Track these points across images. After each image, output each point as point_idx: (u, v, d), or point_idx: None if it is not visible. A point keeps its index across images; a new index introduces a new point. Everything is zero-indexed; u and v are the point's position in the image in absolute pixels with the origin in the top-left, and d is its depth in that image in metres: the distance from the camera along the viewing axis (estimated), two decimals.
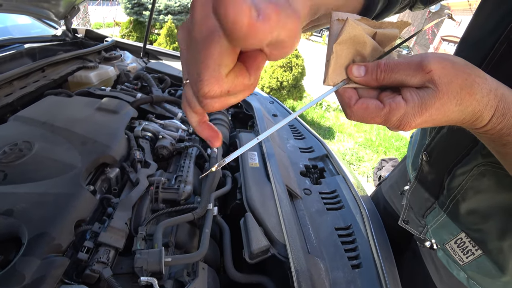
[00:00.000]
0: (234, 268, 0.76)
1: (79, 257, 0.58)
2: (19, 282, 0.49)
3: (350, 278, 0.79)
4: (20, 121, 0.90)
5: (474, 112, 0.34)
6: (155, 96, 1.18)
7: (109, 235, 0.62)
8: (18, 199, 0.62)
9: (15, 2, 1.38)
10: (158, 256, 0.60)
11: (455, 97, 0.32)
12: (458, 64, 0.33)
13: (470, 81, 0.33)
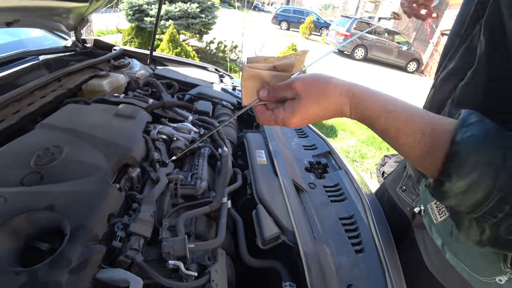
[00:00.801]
0: (248, 254, 0.84)
1: (113, 245, 0.66)
2: (67, 265, 0.57)
3: (353, 261, 0.87)
4: (47, 128, 0.98)
5: (335, 109, 0.49)
6: (167, 101, 1.26)
7: (138, 226, 0.69)
8: (57, 197, 0.70)
9: (30, 17, 1.47)
10: (182, 243, 0.68)
11: (315, 102, 0.49)
12: (318, 79, 0.50)
13: (325, 89, 0.49)
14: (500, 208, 0.37)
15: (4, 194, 0.69)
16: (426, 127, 0.43)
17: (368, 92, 0.49)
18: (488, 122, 0.40)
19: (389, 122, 0.46)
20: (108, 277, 0.61)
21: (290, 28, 17.65)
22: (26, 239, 0.65)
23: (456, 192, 0.40)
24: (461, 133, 0.40)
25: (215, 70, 2.21)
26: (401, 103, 0.47)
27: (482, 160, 0.38)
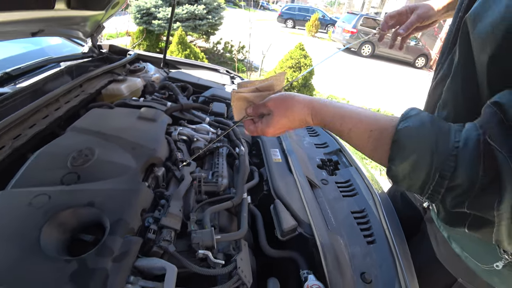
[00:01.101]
0: (268, 246, 0.90)
1: (148, 237, 0.72)
2: (111, 254, 0.64)
3: (366, 251, 0.92)
4: (77, 131, 1.06)
5: (300, 119, 0.62)
6: (185, 103, 1.33)
7: (169, 220, 0.76)
8: (95, 194, 0.77)
9: (53, 27, 1.55)
10: (210, 234, 0.74)
11: (284, 115, 0.62)
12: (285, 97, 0.63)
13: (291, 105, 0.62)
14: (441, 184, 0.44)
15: (48, 192, 0.76)
16: (372, 125, 0.53)
17: (325, 103, 0.60)
18: (424, 115, 0.49)
19: (343, 125, 0.56)
20: (146, 265, 0.67)
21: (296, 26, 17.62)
22: (71, 232, 0.72)
23: (403, 174, 0.48)
24: (400, 124, 0.49)
25: (226, 72, 2.28)
26: (351, 109, 0.57)
27: (418, 145, 0.45)
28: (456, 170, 0.42)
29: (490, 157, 0.40)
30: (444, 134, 0.45)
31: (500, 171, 0.38)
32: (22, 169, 0.87)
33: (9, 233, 0.66)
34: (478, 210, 0.43)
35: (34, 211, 0.71)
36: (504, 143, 0.39)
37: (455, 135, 0.44)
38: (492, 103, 0.42)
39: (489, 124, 0.41)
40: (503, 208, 0.39)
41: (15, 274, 0.59)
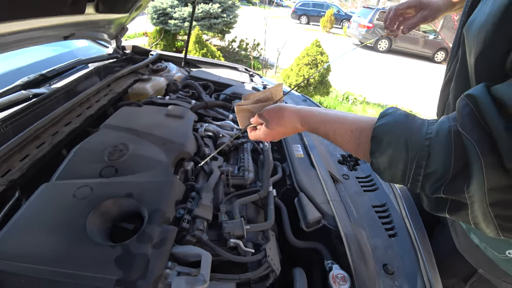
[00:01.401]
0: (294, 237, 0.93)
1: (183, 226, 0.77)
2: (150, 241, 0.69)
3: (387, 244, 0.94)
4: (110, 128, 1.12)
5: (292, 126, 0.69)
6: (209, 101, 1.38)
7: (201, 210, 0.81)
8: (132, 186, 0.82)
9: (83, 30, 1.63)
10: (240, 224, 0.78)
11: (276, 124, 0.70)
12: (278, 108, 0.71)
13: (282, 115, 0.69)
14: (418, 172, 0.48)
15: (89, 184, 0.82)
16: (352, 126, 0.59)
17: (311, 111, 0.67)
18: (399, 113, 0.54)
19: (327, 128, 0.63)
20: (182, 252, 0.72)
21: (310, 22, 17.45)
22: (112, 221, 0.78)
23: (384, 166, 0.52)
24: (378, 122, 0.54)
25: (245, 70, 2.31)
26: (335, 114, 0.64)
27: (393, 139, 0.50)
28: (429, 158, 0.46)
29: (460, 145, 0.43)
30: (417, 127, 0.49)
31: (469, 158, 0.42)
32: (64, 163, 0.94)
33: (58, 222, 0.72)
34: (453, 194, 0.46)
35: (79, 201, 0.77)
36: (473, 132, 0.42)
37: (428, 128, 0.49)
38: (465, 95, 0.46)
39: (461, 114, 0.45)
40: (472, 190, 0.42)
41: (67, 258, 0.65)
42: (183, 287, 0.64)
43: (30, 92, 1.31)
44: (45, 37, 1.41)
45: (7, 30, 1.11)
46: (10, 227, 0.72)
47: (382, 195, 1.19)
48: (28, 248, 0.67)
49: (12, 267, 0.63)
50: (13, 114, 1.12)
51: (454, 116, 0.47)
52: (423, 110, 5.69)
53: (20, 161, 1.02)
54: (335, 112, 0.65)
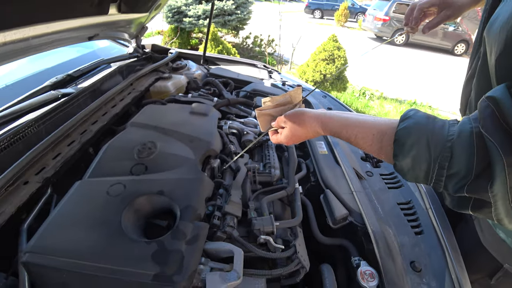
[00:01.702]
0: (320, 233, 0.93)
1: (214, 223, 0.78)
2: (184, 237, 0.70)
3: (414, 242, 0.94)
4: (136, 127, 1.14)
5: (313, 131, 0.71)
6: (231, 99, 1.39)
7: (231, 207, 0.82)
8: (163, 183, 0.84)
9: (106, 30, 1.66)
10: (270, 221, 0.79)
11: (298, 128, 0.72)
12: (298, 114, 0.72)
13: (302, 119, 0.71)
14: (441, 173, 0.49)
15: (122, 182, 0.84)
16: (373, 129, 0.60)
17: (331, 116, 0.69)
18: (420, 115, 0.54)
19: (349, 132, 0.64)
20: (214, 248, 0.73)
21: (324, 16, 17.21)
22: (145, 217, 0.80)
23: (407, 168, 0.53)
24: (400, 125, 0.55)
25: (264, 66, 2.31)
26: (354, 117, 0.66)
27: (416, 141, 0.51)
28: (452, 159, 0.47)
29: (482, 146, 0.44)
30: (438, 129, 0.50)
31: (491, 159, 0.43)
32: (95, 161, 0.96)
33: (94, 218, 0.75)
34: (476, 193, 0.47)
35: (113, 198, 0.79)
36: (495, 134, 0.43)
37: (449, 129, 0.50)
38: (486, 97, 0.46)
39: (482, 116, 0.46)
40: (495, 189, 0.44)
41: (105, 253, 0.67)
42: (218, 283, 0.65)
43: (59, 92, 1.35)
44: (71, 39, 1.45)
45: (36, 33, 1.15)
46: (49, 223, 0.74)
47: (407, 192, 1.17)
48: (67, 243, 0.69)
49: (53, 262, 0.66)
50: (44, 114, 1.16)
51: (475, 117, 0.48)
52: (442, 105, 5.54)
53: (52, 159, 1.06)
54: (356, 116, 0.66)
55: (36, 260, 0.66)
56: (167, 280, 0.62)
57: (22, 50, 1.18)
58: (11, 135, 1.01)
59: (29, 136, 1.08)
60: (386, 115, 4.74)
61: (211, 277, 0.66)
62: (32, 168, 0.99)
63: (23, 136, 1.05)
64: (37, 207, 0.90)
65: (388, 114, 4.79)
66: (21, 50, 1.17)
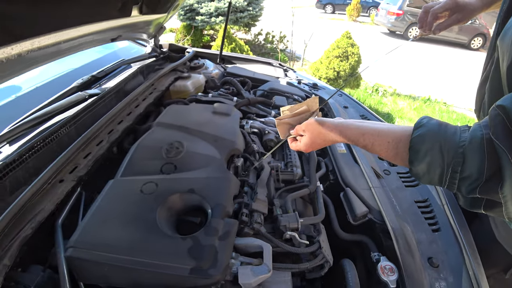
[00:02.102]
0: (341, 229, 0.97)
1: (242, 219, 0.82)
2: (216, 233, 0.75)
3: (431, 239, 0.97)
4: (162, 127, 1.19)
5: (331, 139, 0.75)
6: (251, 98, 1.42)
7: (258, 204, 0.86)
8: (193, 182, 0.88)
9: (128, 32, 1.72)
10: (295, 218, 0.83)
11: (317, 137, 0.76)
12: (317, 122, 0.75)
13: (322, 129, 0.74)
14: (454, 176, 0.53)
15: (154, 180, 0.89)
16: (388, 137, 0.64)
17: (348, 125, 0.73)
18: (433, 122, 0.58)
19: (366, 141, 0.68)
20: (244, 244, 0.77)
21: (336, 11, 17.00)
22: (177, 214, 0.84)
23: (422, 172, 0.57)
24: (414, 133, 0.59)
25: (279, 65, 2.33)
26: (371, 127, 0.69)
27: (429, 148, 0.55)
28: (464, 164, 0.51)
29: (493, 152, 0.48)
30: (450, 135, 0.54)
31: (501, 164, 0.47)
32: (126, 160, 1.01)
33: (131, 215, 0.79)
34: (487, 194, 0.51)
35: (146, 196, 0.84)
36: (505, 140, 0.47)
37: (461, 136, 0.54)
38: (496, 106, 0.50)
39: (493, 123, 0.49)
40: (505, 191, 0.48)
41: (143, 248, 0.71)
42: (250, 276, 0.69)
43: (86, 93, 1.41)
44: (96, 41, 1.50)
45: (67, 37, 1.21)
46: (89, 219, 0.79)
47: (424, 190, 1.20)
48: (107, 238, 0.74)
49: (96, 256, 0.70)
50: (75, 115, 1.21)
51: (486, 123, 0.52)
52: (458, 102, 5.45)
53: (83, 158, 1.12)
54: (371, 125, 0.70)
55: (79, 255, 0.71)
56: (204, 274, 0.66)
57: (54, 53, 1.23)
58: (46, 135, 1.07)
59: (61, 137, 1.14)
60: (400, 112, 4.70)
61: (243, 270, 0.70)
62: (66, 167, 1.05)
63: (56, 136, 1.11)
64: (68, 204, 0.95)
65: (402, 110, 4.75)
66: (53, 54, 1.23)
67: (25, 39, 0.99)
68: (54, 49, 1.19)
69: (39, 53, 1.11)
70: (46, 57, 1.21)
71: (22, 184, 0.97)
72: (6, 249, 0.75)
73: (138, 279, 0.70)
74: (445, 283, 0.86)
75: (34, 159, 1.02)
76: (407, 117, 4.57)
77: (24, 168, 0.99)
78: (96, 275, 0.72)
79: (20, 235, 0.79)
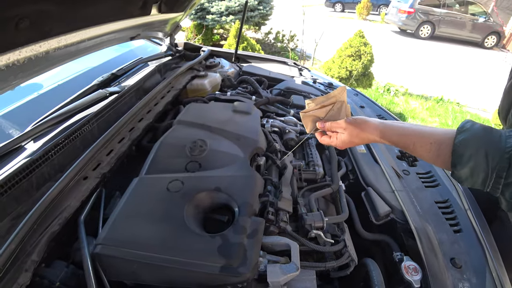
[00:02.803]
0: (363, 229, 0.97)
1: (269, 218, 0.83)
2: (244, 232, 0.75)
3: (453, 239, 0.96)
4: (183, 125, 1.20)
5: (369, 139, 0.75)
6: (270, 97, 1.42)
7: (283, 203, 0.86)
8: (218, 180, 0.89)
9: (146, 31, 1.73)
10: (320, 216, 0.83)
11: (356, 136, 0.76)
12: (359, 122, 0.75)
13: (363, 128, 0.74)
14: (498, 181, 0.54)
15: (179, 178, 0.90)
16: (431, 138, 0.65)
17: (391, 126, 0.73)
18: (477, 127, 0.59)
19: (407, 141, 0.69)
20: (271, 242, 0.78)
21: (345, 9, 16.85)
22: (204, 212, 0.85)
23: (465, 176, 0.58)
24: (457, 137, 0.60)
25: (294, 64, 2.33)
26: (411, 127, 0.70)
27: (474, 153, 0.56)
28: (509, 170, 0.53)
29: None
30: (496, 141, 0.55)
31: None
32: (150, 158, 1.02)
33: (158, 213, 0.80)
34: None
35: (173, 194, 0.85)
36: None
37: (506, 141, 0.54)
38: None
39: None
40: None
41: (172, 246, 0.72)
42: (279, 274, 0.69)
43: (106, 91, 1.42)
44: (116, 39, 1.52)
45: (91, 35, 1.22)
46: (116, 217, 0.79)
47: (444, 191, 1.18)
48: (135, 236, 0.75)
49: (125, 253, 0.71)
50: (97, 113, 1.23)
51: None
52: (471, 102, 5.36)
53: (106, 155, 1.13)
54: (412, 126, 0.71)
55: (108, 252, 0.71)
56: (234, 272, 0.67)
57: (77, 51, 1.25)
58: (70, 133, 1.09)
59: (85, 134, 1.15)
60: (412, 112, 4.64)
61: (271, 268, 0.71)
62: (89, 164, 1.07)
63: (80, 133, 1.13)
64: (90, 200, 0.96)
65: (414, 111, 4.69)
66: (76, 52, 1.25)
67: (53, 36, 1.01)
68: (77, 47, 1.21)
69: (64, 51, 1.13)
70: (70, 55, 1.23)
71: (48, 180, 0.99)
72: (34, 245, 0.76)
73: (167, 277, 0.71)
74: (469, 284, 0.85)
75: (59, 156, 1.04)
76: (419, 117, 4.52)
77: (50, 165, 1.00)
78: (124, 272, 0.73)
79: (48, 231, 0.81)
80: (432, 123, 4.37)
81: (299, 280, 0.77)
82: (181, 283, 0.71)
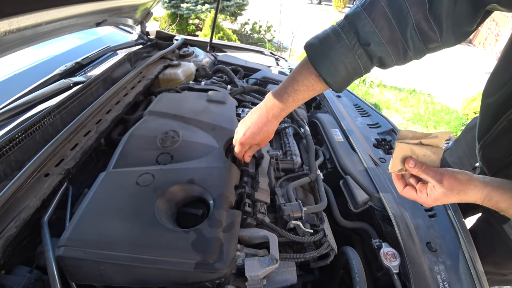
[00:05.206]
0: (341, 217, 0.96)
1: (246, 210, 0.79)
2: (220, 225, 0.71)
3: (429, 224, 0.98)
4: (155, 115, 1.13)
5: (470, 200, 0.64)
6: (246, 86, 1.38)
7: (261, 194, 0.83)
8: (192, 172, 0.84)
9: (114, 16, 1.62)
10: (299, 206, 0.80)
11: (455, 195, 0.63)
12: (463, 180, 0.63)
13: (465, 189, 0.63)
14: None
15: (150, 172, 0.84)
16: None
17: (503, 191, 0.63)
18: None
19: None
20: (249, 235, 0.74)
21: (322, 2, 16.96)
22: (176, 206, 0.80)
23: None
24: None
25: (271, 53, 2.29)
26: None
27: None
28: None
29: None
30: None
31: None
32: (118, 151, 0.95)
33: (127, 209, 0.74)
34: None
35: (143, 188, 0.79)
36: None
37: None
38: None
39: None
40: None
41: (143, 244, 0.67)
42: (258, 268, 0.66)
43: (70, 81, 1.32)
44: (80, 25, 1.41)
45: (49, 18, 1.12)
46: (81, 215, 0.73)
47: None
48: (102, 235, 0.68)
49: (90, 254, 0.65)
50: (59, 104, 1.14)
51: None
52: (441, 94, 5.56)
53: (70, 150, 1.05)
54: None
55: (72, 254, 0.65)
56: (210, 268, 0.63)
57: (34, 37, 1.15)
58: (28, 126, 0.99)
59: (45, 127, 1.06)
60: (387, 102, 4.75)
61: (249, 262, 0.67)
62: (52, 160, 0.98)
63: (39, 126, 1.03)
64: (55, 199, 0.89)
65: (388, 101, 4.80)
66: (33, 37, 1.14)
67: (2, 18, 0.91)
68: (34, 31, 1.10)
69: (17, 35, 1.02)
70: (25, 40, 1.12)
71: (3, 179, 0.90)
72: None
73: (139, 277, 0.66)
74: (444, 266, 0.87)
75: (16, 151, 0.94)
76: (393, 108, 4.63)
77: (5, 162, 0.91)
78: (91, 274, 0.67)
79: (3, 235, 0.73)
80: (406, 113, 4.50)
81: (279, 273, 0.74)
82: (154, 283, 0.67)
